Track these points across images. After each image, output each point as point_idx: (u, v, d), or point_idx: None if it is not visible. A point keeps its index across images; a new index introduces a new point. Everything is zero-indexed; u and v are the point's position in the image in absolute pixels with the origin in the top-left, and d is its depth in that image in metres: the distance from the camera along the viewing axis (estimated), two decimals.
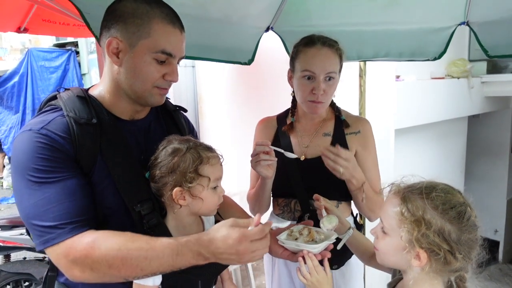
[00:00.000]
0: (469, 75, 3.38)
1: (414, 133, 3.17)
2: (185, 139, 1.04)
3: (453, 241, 0.87)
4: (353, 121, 1.48)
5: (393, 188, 1.00)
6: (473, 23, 1.74)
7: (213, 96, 4.22)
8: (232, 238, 0.86)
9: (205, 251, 0.88)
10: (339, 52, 1.37)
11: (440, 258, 0.87)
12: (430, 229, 0.87)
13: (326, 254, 1.09)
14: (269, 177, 1.34)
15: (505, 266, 3.93)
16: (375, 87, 2.57)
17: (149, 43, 0.96)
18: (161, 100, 1.06)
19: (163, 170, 0.98)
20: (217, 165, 1.03)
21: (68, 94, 1.01)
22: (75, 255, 0.86)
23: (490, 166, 4.04)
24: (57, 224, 0.87)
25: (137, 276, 0.90)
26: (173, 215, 1.03)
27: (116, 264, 0.87)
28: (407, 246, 0.90)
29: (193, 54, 1.73)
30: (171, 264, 0.88)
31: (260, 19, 1.85)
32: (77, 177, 0.93)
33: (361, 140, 1.45)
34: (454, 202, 0.90)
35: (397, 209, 0.93)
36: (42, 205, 0.87)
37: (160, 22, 0.97)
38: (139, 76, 0.99)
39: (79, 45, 6.25)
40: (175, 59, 1.02)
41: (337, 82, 1.39)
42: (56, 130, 0.92)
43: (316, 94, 1.34)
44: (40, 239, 0.88)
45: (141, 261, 0.87)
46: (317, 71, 1.33)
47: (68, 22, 2.72)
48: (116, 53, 0.98)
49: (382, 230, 0.98)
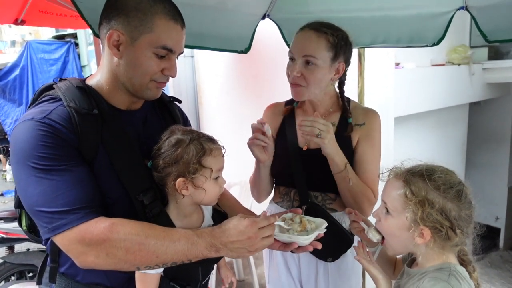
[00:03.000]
0: (470, 61, 3.34)
1: (414, 121, 3.15)
2: (188, 130, 1.05)
3: (454, 218, 0.95)
4: (360, 113, 1.44)
5: (394, 172, 1.05)
6: (472, 8, 1.71)
7: (212, 86, 4.21)
8: (243, 225, 0.93)
9: (218, 241, 0.92)
10: (327, 38, 1.30)
11: (442, 234, 0.95)
12: (434, 208, 0.94)
13: (317, 245, 1.09)
14: (261, 161, 1.33)
15: (505, 253, 3.94)
16: (374, 74, 2.55)
17: (151, 38, 0.97)
18: (157, 94, 1.07)
19: (167, 161, 0.99)
20: (219, 156, 1.04)
21: (66, 84, 1.01)
22: (91, 239, 0.87)
23: (491, 153, 4.03)
24: (69, 209, 0.87)
25: (150, 263, 0.91)
26: (175, 204, 1.05)
27: (134, 249, 0.88)
28: (411, 226, 0.97)
29: (189, 42, 1.70)
30: (185, 253, 0.91)
31: (256, 6, 1.83)
32: (83, 166, 0.93)
33: (364, 132, 1.41)
34: (453, 182, 0.98)
35: (401, 191, 0.99)
36: (50, 192, 0.87)
37: (163, 17, 0.97)
38: (138, 70, 0.99)
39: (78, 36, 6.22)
40: (174, 54, 1.02)
41: (323, 70, 1.32)
42: (59, 119, 0.92)
43: (290, 75, 1.33)
44: (49, 226, 0.87)
45: (158, 247, 0.89)
46: (295, 53, 1.33)
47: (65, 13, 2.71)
48: (116, 45, 0.98)
49: (385, 212, 1.04)
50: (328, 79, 1.36)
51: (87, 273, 1.00)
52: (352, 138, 1.41)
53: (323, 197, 1.44)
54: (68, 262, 0.99)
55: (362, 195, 1.35)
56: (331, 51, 1.31)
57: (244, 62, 3.61)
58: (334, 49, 1.32)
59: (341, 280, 1.47)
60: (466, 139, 3.91)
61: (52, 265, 1.03)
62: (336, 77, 1.39)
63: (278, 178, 1.48)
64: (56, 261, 1.03)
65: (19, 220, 1.10)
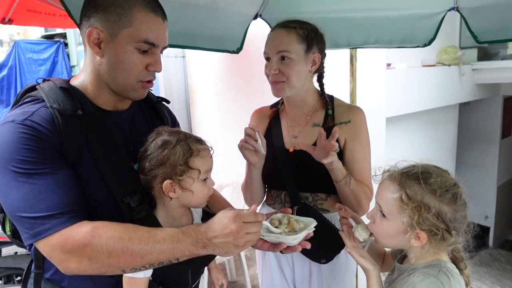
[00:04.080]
0: (460, 62, 3.38)
1: (405, 121, 3.18)
2: (174, 131, 1.03)
3: (449, 220, 0.95)
4: (344, 110, 1.44)
5: (389, 174, 1.04)
6: (463, 9, 1.72)
7: (204, 87, 4.19)
8: (227, 217, 0.90)
9: (203, 236, 0.89)
10: (297, 31, 1.33)
11: (438, 237, 0.95)
12: (430, 213, 0.94)
13: (306, 245, 1.08)
14: (252, 163, 1.32)
15: (495, 251, 3.99)
16: (366, 75, 2.56)
17: (131, 32, 0.94)
18: (143, 94, 1.04)
19: (153, 163, 0.96)
20: (207, 157, 1.02)
21: (49, 85, 0.97)
22: (73, 244, 0.84)
23: (481, 153, 4.08)
24: (51, 214, 0.84)
25: (136, 265, 0.88)
26: (163, 207, 1.02)
27: (116, 252, 0.85)
28: (408, 230, 0.97)
29: (180, 42, 1.70)
30: (171, 252, 0.88)
31: (248, 6, 1.82)
32: (66, 168, 0.90)
33: (350, 130, 1.40)
34: (449, 184, 0.97)
35: (396, 195, 0.98)
36: (32, 197, 0.84)
37: (142, 10, 0.94)
38: (121, 68, 0.96)
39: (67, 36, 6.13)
40: (158, 48, 0.99)
41: (299, 63, 1.34)
42: (41, 121, 0.89)
43: (269, 75, 1.35)
44: (31, 232, 0.84)
45: (142, 248, 0.86)
46: (269, 51, 1.36)
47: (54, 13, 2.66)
48: (97, 43, 0.96)
49: (380, 214, 1.03)
50: (306, 71, 1.38)
51: (72, 279, 0.97)
52: (339, 137, 1.39)
53: (313, 197, 1.43)
54: (53, 268, 0.96)
55: (360, 194, 1.36)
56: (303, 43, 1.34)
57: (236, 62, 3.60)
58: (306, 41, 1.34)
59: (335, 281, 1.46)
60: (456, 138, 3.96)
61: (37, 271, 1.00)
62: (313, 69, 1.41)
63: (268, 181, 1.47)
64: (41, 267, 0.99)
65: (3, 224, 1.06)
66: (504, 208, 4.11)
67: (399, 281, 1.02)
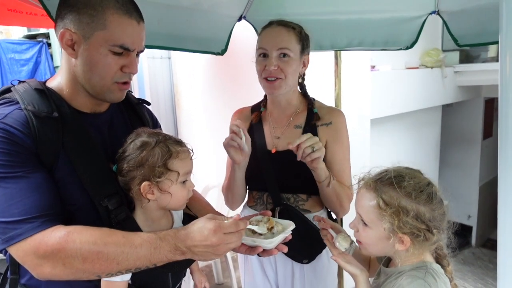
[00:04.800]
0: (442, 65, 3.45)
1: (390, 122, 3.22)
2: (154, 132, 1.02)
3: (428, 220, 0.96)
4: (325, 112, 1.45)
5: (363, 182, 1.04)
6: (443, 12, 1.76)
7: (190, 88, 4.17)
8: (207, 229, 0.88)
9: (182, 244, 0.88)
10: (296, 32, 1.36)
11: (420, 238, 0.96)
12: (409, 216, 0.94)
13: (283, 249, 1.07)
14: (237, 162, 1.32)
15: (477, 250, 4.07)
16: (350, 77, 2.58)
17: (105, 35, 0.92)
18: (121, 96, 1.02)
19: (131, 164, 0.95)
20: (186, 159, 1.01)
21: (24, 87, 0.95)
22: (46, 250, 0.82)
23: (463, 154, 4.16)
24: (24, 218, 0.82)
25: (112, 271, 0.87)
26: (141, 209, 1.01)
27: (91, 258, 0.83)
28: (390, 236, 0.97)
29: (164, 43, 1.68)
30: (148, 258, 0.87)
31: (232, 7, 1.82)
32: (41, 171, 0.88)
33: (331, 132, 1.42)
34: (422, 185, 0.98)
35: (373, 202, 0.98)
36: (4, 201, 0.82)
37: (115, 13, 0.92)
38: (96, 70, 0.94)
39: (50, 36, 6.02)
40: (133, 52, 0.97)
41: (296, 62, 1.37)
42: (14, 124, 0.87)
43: (268, 69, 1.35)
44: (3, 237, 0.82)
45: (118, 254, 0.85)
46: (268, 47, 1.35)
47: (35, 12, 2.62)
48: (70, 45, 0.94)
49: (362, 223, 1.03)
50: (298, 72, 1.41)
51: (49, 284, 0.95)
52: (321, 139, 1.38)
53: (295, 198, 1.44)
54: (28, 273, 0.93)
55: (342, 194, 1.37)
56: (300, 44, 1.37)
57: (221, 63, 3.59)
58: (302, 42, 1.38)
59: (317, 280, 1.47)
60: (439, 139, 4.03)
61: (12, 277, 0.98)
62: (303, 70, 1.44)
63: (250, 182, 1.47)
64: (17, 273, 0.97)
65: None
66: (486, 207, 4.20)
67: (386, 284, 1.03)
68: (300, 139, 1.20)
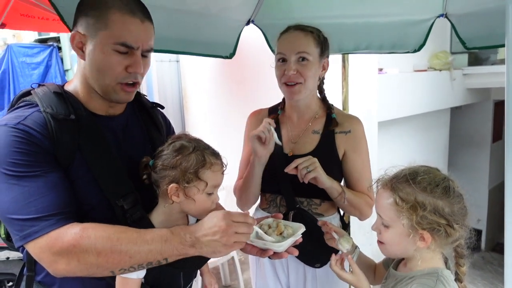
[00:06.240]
0: (451, 67, 3.43)
1: (397, 125, 3.20)
2: (195, 139, 1.05)
3: (448, 214, 0.95)
4: (344, 119, 1.46)
5: (380, 183, 1.06)
6: (451, 15, 1.76)
7: (198, 91, 4.20)
8: (216, 216, 0.91)
9: (192, 235, 0.90)
10: (314, 35, 1.37)
11: (441, 233, 0.96)
12: (426, 210, 0.95)
13: (294, 252, 1.09)
14: (258, 154, 1.32)
15: (487, 254, 4.03)
16: (358, 80, 2.59)
17: (108, 34, 0.94)
18: (127, 98, 1.04)
19: (165, 164, 0.99)
20: (218, 172, 1.03)
21: (43, 90, 0.99)
22: (62, 246, 0.85)
23: (472, 156, 4.13)
24: (41, 216, 0.85)
25: (124, 266, 0.89)
26: (163, 208, 1.03)
27: (105, 252, 0.86)
28: (410, 232, 0.97)
29: (174, 48, 1.71)
30: (159, 251, 0.89)
31: (240, 11, 1.84)
32: (57, 171, 0.91)
33: (350, 141, 1.43)
34: (438, 179, 0.98)
35: (391, 200, 1.00)
36: (22, 199, 0.85)
37: (118, 11, 0.94)
38: (101, 70, 0.97)
39: (61, 40, 6.11)
40: (137, 50, 0.98)
41: (315, 66, 1.37)
42: (33, 125, 0.90)
43: (287, 74, 1.35)
44: (20, 234, 0.86)
45: (130, 248, 0.87)
46: (287, 52, 1.36)
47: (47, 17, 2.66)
48: (80, 47, 0.98)
49: (383, 225, 1.03)
50: (318, 75, 1.41)
51: (63, 282, 0.98)
52: (338, 146, 1.42)
53: (308, 202, 1.44)
54: (44, 270, 0.96)
55: (360, 204, 1.39)
56: (319, 47, 1.38)
57: (229, 66, 3.62)
58: (320, 45, 1.38)
59: (329, 284, 1.47)
60: (448, 142, 4.00)
61: (28, 274, 1.01)
62: (323, 73, 1.44)
63: (264, 184, 1.48)
64: (33, 270, 1.00)
65: None
66: (495, 211, 4.16)
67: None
68: (295, 162, 1.27)
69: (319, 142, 1.43)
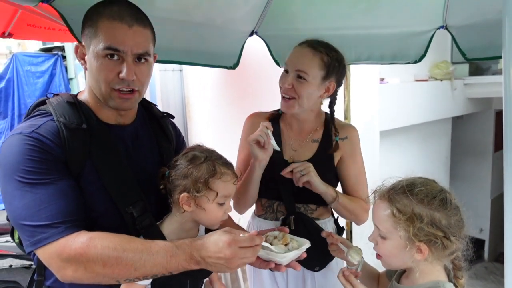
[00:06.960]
0: (451, 77, 3.45)
1: (399, 135, 3.22)
2: (208, 149, 1.07)
3: (445, 226, 0.96)
4: (341, 127, 1.49)
5: (377, 194, 1.06)
6: (451, 27, 1.78)
7: (201, 100, 4.23)
8: (222, 241, 0.90)
9: (197, 254, 0.91)
10: (322, 57, 1.34)
11: (438, 245, 0.96)
12: (423, 222, 0.95)
13: (296, 267, 1.10)
14: (259, 159, 1.33)
15: (490, 264, 4.00)
16: (359, 89, 2.61)
17: (97, 41, 0.97)
18: (125, 105, 1.04)
19: (178, 173, 1.01)
20: (229, 182, 1.04)
21: (57, 100, 1.03)
22: (70, 253, 0.87)
23: (474, 166, 4.12)
24: (51, 223, 0.88)
25: (130, 277, 0.90)
26: (176, 217, 1.06)
27: (111, 263, 0.88)
28: (407, 244, 0.98)
29: (178, 58, 1.74)
30: (164, 266, 0.90)
31: (244, 23, 1.87)
32: (68, 179, 0.94)
33: (347, 147, 1.46)
34: (435, 191, 0.99)
35: (388, 211, 1.00)
36: (34, 206, 0.88)
37: (106, 20, 0.97)
38: (96, 76, 1.00)
39: (65, 49, 6.18)
40: (126, 55, 0.98)
41: (312, 86, 1.35)
42: (47, 134, 0.93)
43: (282, 87, 1.38)
44: (31, 239, 0.88)
45: (136, 260, 0.89)
46: (290, 65, 1.38)
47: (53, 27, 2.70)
48: (82, 57, 1.03)
49: (380, 236, 1.04)
50: (317, 96, 1.40)
51: (74, 285, 0.99)
52: (336, 152, 1.46)
53: (305, 208, 1.48)
54: (53, 276, 0.98)
55: (356, 208, 1.43)
56: (323, 70, 1.35)
57: (232, 76, 3.64)
58: (327, 68, 1.35)
59: (328, 287, 1.50)
60: (449, 152, 4.00)
61: (38, 279, 1.03)
62: (325, 95, 1.43)
63: (262, 189, 1.49)
64: (42, 275, 1.03)
65: (12, 232, 1.11)
66: (498, 221, 4.13)
67: None
68: (291, 166, 1.33)
69: (318, 149, 1.47)
